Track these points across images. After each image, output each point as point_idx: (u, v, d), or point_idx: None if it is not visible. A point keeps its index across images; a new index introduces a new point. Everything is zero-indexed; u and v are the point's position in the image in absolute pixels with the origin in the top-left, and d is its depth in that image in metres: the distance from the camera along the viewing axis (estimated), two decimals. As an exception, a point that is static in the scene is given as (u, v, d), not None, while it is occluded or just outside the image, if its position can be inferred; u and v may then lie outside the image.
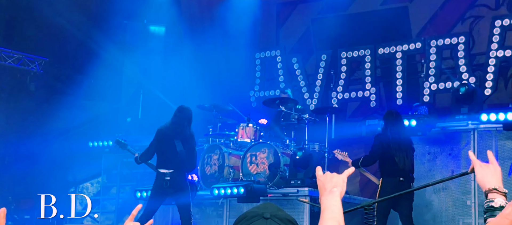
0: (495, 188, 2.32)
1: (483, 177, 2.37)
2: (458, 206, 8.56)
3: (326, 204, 2.20)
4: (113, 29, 11.72)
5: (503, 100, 9.17)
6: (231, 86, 11.40)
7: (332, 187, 2.26)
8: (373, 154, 7.90)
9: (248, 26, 11.41)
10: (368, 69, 10.31)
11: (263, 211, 1.95)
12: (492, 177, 2.36)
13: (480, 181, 2.38)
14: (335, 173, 2.34)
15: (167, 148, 7.58)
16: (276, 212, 1.96)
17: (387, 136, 7.75)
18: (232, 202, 9.05)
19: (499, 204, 2.28)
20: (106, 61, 11.63)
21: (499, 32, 9.15)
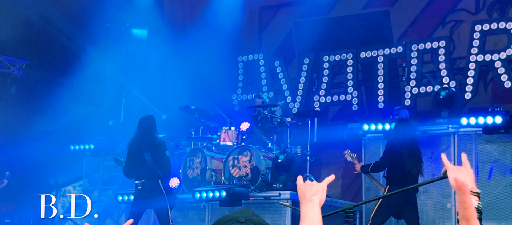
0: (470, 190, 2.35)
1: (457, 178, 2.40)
2: (439, 209, 8.63)
3: (305, 212, 2.22)
4: (95, 32, 11.67)
5: (483, 104, 9.26)
6: (214, 89, 11.40)
7: (312, 195, 2.29)
8: (384, 161, 7.77)
9: (231, 29, 11.42)
10: (350, 73, 10.36)
11: (239, 215, 1.97)
12: (465, 178, 2.39)
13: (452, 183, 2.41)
14: (315, 182, 2.37)
15: (136, 159, 7.92)
16: (251, 216, 1.98)
17: (401, 145, 7.61)
18: (214, 205, 9.05)
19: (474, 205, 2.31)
20: (88, 64, 11.57)
21: (479, 36, 9.25)
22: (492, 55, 9.11)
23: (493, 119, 8.09)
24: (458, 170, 2.42)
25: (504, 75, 8.99)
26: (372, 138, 9.23)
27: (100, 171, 11.26)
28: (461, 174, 2.39)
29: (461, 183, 1.88)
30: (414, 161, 7.56)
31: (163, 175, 7.89)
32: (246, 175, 9.00)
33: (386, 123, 8.84)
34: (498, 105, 8.33)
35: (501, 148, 8.31)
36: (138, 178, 7.94)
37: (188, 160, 9.47)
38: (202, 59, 11.22)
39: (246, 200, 8.73)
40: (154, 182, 7.84)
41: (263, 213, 8.79)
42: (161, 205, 7.80)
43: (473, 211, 1.81)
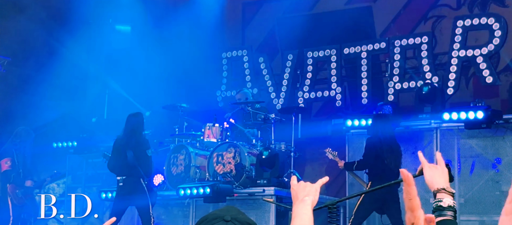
0: (443, 188, 2.38)
1: (432, 177, 2.43)
2: (422, 204, 8.64)
3: (296, 212, 2.23)
4: (78, 29, 11.58)
5: (465, 99, 9.33)
6: (198, 86, 11.37)
7: (305, 195, 2.29)
8: (367, 158, 7.84)
9: (214, 25, 11.39)
10: (333, 69, 10.39)
11: (224, 213, 1.97)
12: (440, 178, 2.42)
13: (428, 182, 2.44)
14: (308, 182, 2.37)
15: (119, 155, 8.01)
16: (236, 215, 1.97)
17: (380, 140, 7.71)
18: (198, 202, 9.04)
19: (448, 204, 2.34)
20: (71, 61, 11.49)
21: (461, 32, 9.31)
22: (473, 50, 9.18)
23: (474, 114, 8.16)
24: (434, 168, 2.44)
25: (485, 70, 9.07)
26: (356, 133, 9.27)
27: (83, 168, 11.21)
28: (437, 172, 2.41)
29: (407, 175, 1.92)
30: (393, 156, 7.67)
31: (145, 174, 7.95)
32: (230, 171, 9.01)
33: (369, 118, 8.88)
34: (480, 101, 8.40)
35: (482, 142, 8.39)
36: (119, 175, 8.04)
37: (172, 156, 9.46)
38: (185, 56, 11.19)
39: (230, 197, 8.74)
40: (135, 179, 7.92)
41: (248, 209, 8.81)
42: (143, 202, 7.86)
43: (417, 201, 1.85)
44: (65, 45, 11.42)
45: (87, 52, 11.78)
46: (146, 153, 8.02)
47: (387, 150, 7.68)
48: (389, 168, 7.60)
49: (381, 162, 7.64)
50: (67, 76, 11.67)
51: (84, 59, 11.85)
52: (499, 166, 8.28)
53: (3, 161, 9.29)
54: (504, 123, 8.27)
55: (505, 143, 8.28)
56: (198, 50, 11.18)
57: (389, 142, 7.74)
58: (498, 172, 8.28)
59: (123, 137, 8.11)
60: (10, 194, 9.18)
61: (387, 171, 7.60)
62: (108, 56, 11.80)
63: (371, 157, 7.76)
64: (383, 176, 7.54)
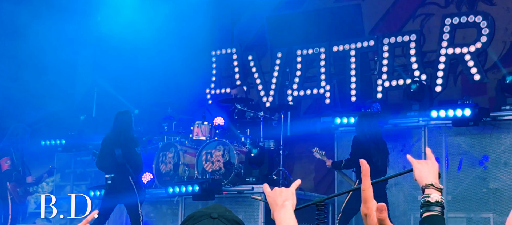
0: (431, 184, 2.39)
1: (420, 173, 2.44)
2: (410, 201, 8.73)
3: (280, 219, 2.22)
4: (66, 26, 11.53)
5: (452, 97, 9.38)
6: (187, 83, 11.36)
7: (283, 201, 2.29)
8: (355, 156, 7.89)
9: (203, 23, 11.38)
10: (322, 67, 10.41)
11: (211, 211, 1.97)
12: (429, 174, 2.43)
13: (417, 178, 2.45)
14: (283, 188, 2.36)
15: (107, 153, 8.01)
16: (223, 212, 1.98)
17: (367, 138, 7.78)
18: (187, 200, 9.04)
19: (435, 199, 2.34)
20: (59, 59, 11.44)
21: (449, 30, 9.35)
22: (461, 48, 9.23)
23: (462, 112, 8.20)
24: (424, 163, 2.46)
25: (473, 68, 9.12)
26: (345, 131, 9.29)
27: (72, 166, 11.18)
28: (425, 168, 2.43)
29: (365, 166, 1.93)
30: (380, 154, 7.74)
31: (133, 172, 7.94)
32: (219, 169, 9.01)
33: (358, 116, 8.90)
34: (467, 98, 8.45)
35: (470, 140, 8.44)
36: (108, 173, 8.04)
37: (161, 154, 9.45)
38: (175, 53, 11.17)
39: (219, 194, 8.74)
40: (124, 177, 7.91)
41: (236, 207, 8.81)
42: (131, 200, 7.85)
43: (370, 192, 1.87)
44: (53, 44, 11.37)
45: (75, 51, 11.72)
46: (135, 151, 8.02)
47: (374, 147, 7.75)
48: (376, 166, 7.66)
49: (369, 160, 7.62)
50: (56, 74, 11.62)
51: (73, 57, 11.80)
52: (486, 163, 8.33)
53: (2, 160, 9.26)
54: (491, 121, 8.32)
55: (492, 140, 8.33)
56: (187, 48, 11.17)
57: (375, 140, 7.81)
58: (485, 169, 8.33)
59: (111, 135, 8.10)
60: (11, 192, 9.16)
61: (374, 168, 7.56)
62: (96, 54, 11.76)
63: (358, 155, 7.80)
64: (371, 174, 7.54)
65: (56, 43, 11.33)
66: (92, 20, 11.76)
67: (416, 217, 8.61)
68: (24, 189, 9.37)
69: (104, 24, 11.59)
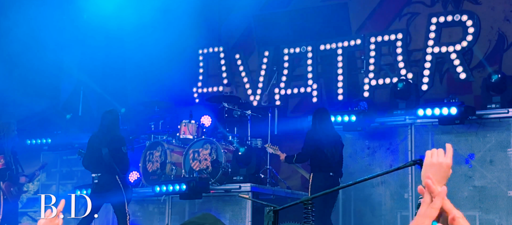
0: None
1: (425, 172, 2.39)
2: (396, 199, 8.77)
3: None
4: (51, 24, 11.45)
5: (438, 95, 9.42)
6: (174, 82, 11.32)
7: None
8: (307, 150, 8.18)
9: (191, 22, 11.35)
10: (309, 65, 10.43)
11: (203, 221, 1.95)
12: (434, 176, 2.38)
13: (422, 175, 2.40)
14: None
15: (94, 152, 7.99)
16: (214, 223, 1.96)
17: (318, 132, 8.09)
18: (174, 199, 9.02)
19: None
20: (44, 57, 11.36)
21: (435, 28, 9.40)
22: (447, 47, 9.28)
23: (448, 110, 8.24)
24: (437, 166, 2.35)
25: (459, 67, 9.17)
26: (332, 129, 9.30)
27: (58, 165, 11.11)
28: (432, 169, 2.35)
29: (442, 194, 1.83)
30: (334, 147, 8.07)
31: (120, 171, 7.92)
32: (207, 168, 8.99)
33: (345, 114, 8.93)
34: (454, 97, 8.49)
35: (456, 138, 8.48)
36: (95, 172, 8.02)
37: (147, 153, 9.41)
38: (161, 52, 11.13)
39: (206, 193, 8.73)
40: (110, 176, 7.89)
41: (224, 206, 8.80)
42: (118, 199, 7.82)
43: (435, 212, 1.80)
44: (39, 42, 11.29)
45: (61, 49, 11.64)
46: (122, 150, 8.00)
47: (327, 141, 8.04)
48: (327, 157, 8.01)
49: (322, 153, 8.01)
50: (41, 73, 11.54)
51: (58, 56, 11.72)
52: (472, 161, 8.39)
53: None
54: (477, 119, 8.37)
55: (478, 138, 8.38)
56: (174, 46, 11.14)
57: (328, 134, 8.12)
58: (471, 167, 8.39)
59: (98, 134, 8.08)
60: (4, 191, 9.08)
61: (326, 161, 8.01)
62: (82, 53, 11.69)
63: (310, 149, 8.10)
64: (325, 167, 8.01)
65: (41, 42, 11.25)
66: (78, 18, 11.68)
67: (403, 216, 8.65)
68: (18, 188, 9.29)
69: (90, 23, 11.53)
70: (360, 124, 8.87)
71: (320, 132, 8.10)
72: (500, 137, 8.21)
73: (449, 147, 2.47)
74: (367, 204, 8.93)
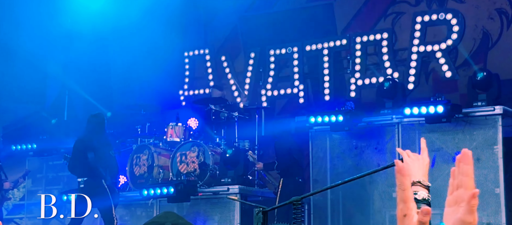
0: (419, 181, 2.37)
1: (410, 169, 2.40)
2: (385, 198, 8.78)
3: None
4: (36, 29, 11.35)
5: (425, 94, 9.45)
6: (160, 85, 11.27)
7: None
8: (283, 158, 8.76)
9: (176, 24, 11.31)
10: (296, 66, 10.42)
11: (164, 220, 1.93)
12: (418, 170, 2.40)
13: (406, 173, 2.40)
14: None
15: (80, 157, 7.97)
16: (176, 220, 1.94)
17: (288, 141, 8.73)
18: (162, 202, 8.97)
19: (422, 197, 2.33)
20: (29, 62, 11.26)
21: (420, 28, 9.43)
22: (432, 46, 9.31)
23: (435, 109, 8.27)
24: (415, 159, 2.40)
25: (444, 65, 9.21)
26: (319, 130, 9.31)
27: (43, 171, 11.01)
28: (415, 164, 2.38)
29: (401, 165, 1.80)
30: (301, 153, 8.83)
31: (109, 175, 7.89)
32: (194, 170, 8.96)
33: (332, 114, 8.93)
34: (440, 95, 8.52)
35: (443, 137, 8.51)
36: (80, 176, 7.99)
37: (134, 157, 9.37)
38: (147, 55, 11.08)
39: (194, 196, 8.70)
40: (96, 180, 7.84)
41: (212, 208, 8.77)
42: (105, 204, 7.76)
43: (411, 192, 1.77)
44: (22, 46, 11.19)
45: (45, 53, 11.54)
46: (110, 154, 7.97)
47: (295, 148, 8.69)
48: (297, 162, 8.63)
49: (292, 157, 8.64)
50: (25, 78, 11.44)
51: (43, 60, 11.62)
52: (459, 159, 8.41)
53: None
54: (463, 117, 8.40)
55: (464, 136, 8.42)
56: (159, 49, 11.09)
57: (296, 144, 8.82)
58: (458, 165, 8.41)
59: (84, 138, 8.03)
60: None
61: (296, 167, 8.64)
62: (67, 57, 11.59)
63: (283, 155, 8.71)
64: (294, 171, 8.61)
65: (26, 46, 11.15)
66: (63, 23, 11.59)
67: (391, 215, 8.66)
68: (2, 195, 9.20)
69: (75, 27, 11.44)
70: (347, 124, 8.87)
71: (291, 140, 8.76)
72: (487, 135, 8.25)
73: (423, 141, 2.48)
74: (355, 204, 8.94)
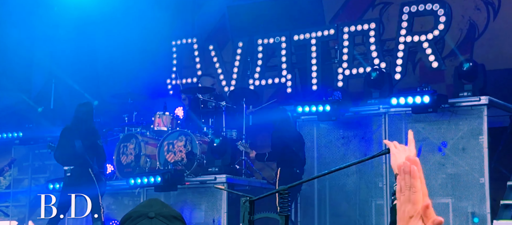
0: None
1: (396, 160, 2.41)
2: (371, 188, 8.83)
3: None
4: (21, 17, 11.26)
5: (411, 84, 9.50)
6: (148, 74, 11.23)
7: None
8: (276, 150, 8.68)
9: (163, 12, 11.25)
10: (283, 56, 10.42)
11: (148, 210, 1.89)
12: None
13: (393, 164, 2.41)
14: None
15: (67, 145, 7.93)
16: (160, 209, 1.90)
17: (283, 131, 8.61)
18: (149, 191, 8.96)
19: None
20: (15, 50, 11.17)
21: (407, 18, 9.46)
22: (419, 36, 9.35)
23: (421, 99, 8.31)
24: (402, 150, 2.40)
25: (431, 55, 9.25)
26: (306, 119, 9.34)
27: (30, 159, 10.96)
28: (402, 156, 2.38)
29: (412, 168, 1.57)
30: (298, 144, 8.65)
31: (96, 164, 7.87)
32: (182, 159, 8.95)
33: (319, 104, 8.96)
34: (426, 85, 8.56)
35: (429, 126, 8.57)
36: (67, 165, 7.96)
37: (121, 146, 9.34)
38: (134, 44, 11.02)
39: (181, 185, 8.69)
40: (83, 169, 7.83)
41: (199, 197, 8.78)
42: (92, 192, 7.73)
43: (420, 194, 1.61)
44: (8, 34, 11.09)
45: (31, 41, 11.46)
46: (97, 143, 7.96)
47: (293, 139, 8.59)
48: (297, 155, 8.54)
49: (290, 151, 8.54)
50: (11, 66, 11.35)
51: (29, 48, 11.54)
52: (445, 149, 8.48)
53: None
54: (449, 107, 8.46)
55: (450, 126, 8.47)
56: (147, 38, 11.04)
57: (291, 132, 8.68)
58: (444, 155, 8.48)
59: (71, 127, 8.01)
60: None
61: (296, 157, 8.55)
62: (54, 45, 11.51)
63: (279, 147, 8.59)
64: (292, 162, 8.52)
65: (12, 34, 11.06)
66: (49, 11, 11.50)
67: (378, 204, 8.73)
68: None
69: (61, 15, 11.35)
70: (335, 114, 8.91)
71: (284, 131, 8.61)
72: (472, 125, 8.31)
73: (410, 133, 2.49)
74: (342, 193, 8.99)
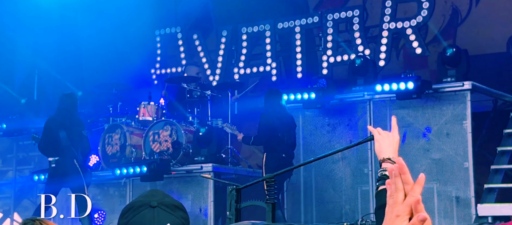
0: (388, 158, 2.40)
1: (380, 146, 2.43)
2: (357, 174, 8.89)
3: None
4: (3, 7, 11.13)
5: (395, 71, 9.55)
6: (132, 64, 11.17)
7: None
8: (262, 133, 8.46)
9: (147, 2, 11.18)
10: (268, 44, 10.42)
11: (150, 199, 1.92)
12: (388, 147, 2.43)
13: (376, 150, 2.44)
14: None
15: (51, 136, 7.88)
16: (162, 199, 1.93)
17: (271, 115, 8.35)
18: (135, 181, 8.95)
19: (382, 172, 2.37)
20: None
21: (391, 4, 9.49)
22: (403, 22, 9.38)
23: (405, 85, 8.36)
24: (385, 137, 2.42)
25: (415, 42, 9.29)
26: (292, 107, 9.33)
27: (14, 151, 10.88)
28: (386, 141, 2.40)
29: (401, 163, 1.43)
30: (287, 131, 8.38)
31: (81, 154, 7.84)
32: (167, 149, 8.94)
33: (304, 92, 8.98)
34: (410, 72, 8.61)
35: (413, 112, 8.62)
36: (52, 156, 7.92)
37: (106, 136, 9.30)
38: (118, 33, 10.94)
39: (168, 175, 8.69)
40: (68, 160, 7.80)
41: (186, 187, 8.78)
42: (77, 183, 7.72)
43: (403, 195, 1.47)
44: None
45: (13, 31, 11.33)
46: (82, 134, 7.92)
47: (280, 123, 8.32)
48: (282, 140, 8.30)
49: (276, 136, 8.31)
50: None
51: (11, 39, 11.41)
52: (429, 134, 8.54)
53: None
54: (433, 93, 8.52)
55: (434, 112, 8.54)
56: (130, 27, 10.96)
57: (281, 116, 8.40)
58: (428, 141, 8.55)
59: (55, 117, 7.96)
60: None
61: (280, 143, 8.31)
62: (36, 35, 11.40)
63: (265, 131, 8.37)
64: (278, 147, 8.30)
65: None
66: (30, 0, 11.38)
67: (363, 190, 8.78)
68: None
69: (44, 5, 11.24)
70: (320, 101, 8.93)
71: (273, 115, 8.35)
72: (456, 110, 8.37)
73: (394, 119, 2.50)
74: (328, 180, 9.03)
